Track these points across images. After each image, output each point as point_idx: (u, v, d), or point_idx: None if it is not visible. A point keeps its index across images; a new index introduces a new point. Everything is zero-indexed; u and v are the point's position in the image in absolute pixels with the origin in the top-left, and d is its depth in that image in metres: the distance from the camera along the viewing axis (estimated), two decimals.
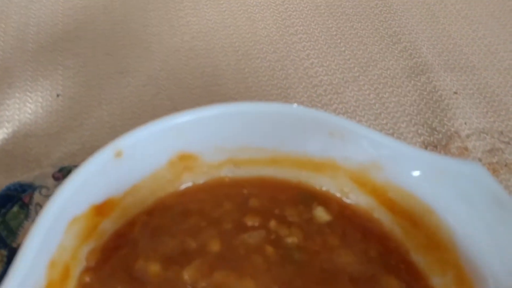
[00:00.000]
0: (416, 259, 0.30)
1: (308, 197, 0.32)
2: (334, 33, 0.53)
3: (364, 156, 0.30)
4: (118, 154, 0.27)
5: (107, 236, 0.28)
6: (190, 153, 0.30)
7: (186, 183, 0.31)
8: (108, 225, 0.28)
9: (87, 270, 0.27)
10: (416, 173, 0.29)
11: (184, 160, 0.30)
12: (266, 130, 0.31)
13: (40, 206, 0.35)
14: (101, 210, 0.27)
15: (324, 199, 0.32)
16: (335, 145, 0.30)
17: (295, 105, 0.29)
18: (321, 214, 0.31)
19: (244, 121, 0.30)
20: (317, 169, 0.32)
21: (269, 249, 0.29)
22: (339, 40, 0.52)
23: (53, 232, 0.24)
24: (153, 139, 0.28)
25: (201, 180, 0.32)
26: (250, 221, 0.30)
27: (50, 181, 0.36)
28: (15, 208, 0.35)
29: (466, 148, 0.44)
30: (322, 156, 0.31)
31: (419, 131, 0.45)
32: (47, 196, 0.35)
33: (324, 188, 0.32)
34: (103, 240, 0.28)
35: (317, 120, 0.30)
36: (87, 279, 0.27)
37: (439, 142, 0.44)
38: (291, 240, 0.29)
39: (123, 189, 0.28)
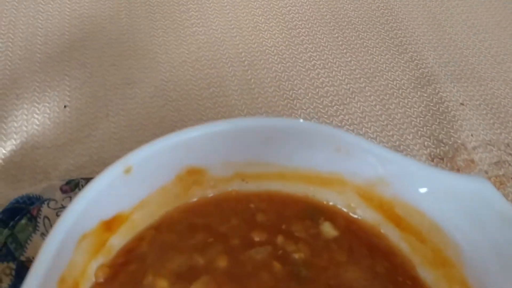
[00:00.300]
0: (423, 274, 0.30)
1: (315, 212, 0.32)
2: (340, 43, 0.53)
3: (371, 171, 0.30)
4: (128, 170, 0.27)
5: (116, 251, 0.28)
6: (198, 167, 0.30)
7: (193, 198, 0.31)
8: (117, 241, 0.28)
9: (96, 286, 0.27)
10: (423, 190, 0.29)
11: (192, 175, 0.30)
12: (274, 145, 0.31)
13: (48, 219, 0.35)
14: (110, 225, 0.28)
15: (331, 214, 0.32)
16: (342, 160, 0.30)
17: (302, 120, 0.29)
18: (328, 230, 0.31)
19: (251, 136, 0.30)
20: (324, 184, 0.32)
21: (276, 265, 0.29)
22: (345, 50, 0.52)
23: (64, 248, 0.24)
24: (162, 155, 0.28)
25: (208, 194, 0.32)
26: (257, 237, 0.30)
27: (58, 194, 0.37)
28: (24, 221, 0.35)
29: (472, 161, 0.44)
30: (329, 171, 0.31)
31: (426, 143, 0.45)
32: (55, 209, 0.36)
33: (331, 203, 0.32)
34: (112, 256, 0.28)
35: (324, 135, 0.30)
36: None
37: (446, 154, 0.44)
38: (298, 256, 0.29)
39: (131, 204, 0.29)
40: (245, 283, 0.28)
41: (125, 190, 0.28)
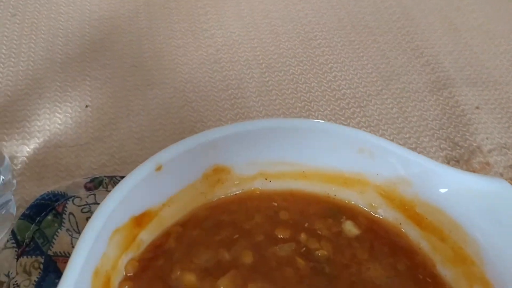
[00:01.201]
0: (443, 272, 0.30)
1: (337, 211, 0.32)
2: (357, 46, 0.53)
3: (393, 172, 0.31)
4: (159, 168, 0.28)
5: (144, 247, 0.29)
6: (224, 166, 0.31)
7: (218, 196, 0.32)
8: (146, 236, 0.29)
9: (126, 279, 0.28)
10: (443, 190, 0.30)
11: (218, 173, 0.31)
12: (298, 145, 0.31)
13: (73, 215, 0.36)
14: (139, 221, 0.28)
15: (353, 213, 0.32)
16: (365, 161, 0.31)
17: (326, 122, 0.29)
18: (350, 228, 0.31)
19: (276, 136, 0.31)
20: (346, 184, 0.32)
21: (300, 262, 0.29)
22: (361, 54, 0.53)
23: (98, 242, 0.25)
24: (191, 153, 0.29)
25: (232, 192, 0.33)
26: (280, 234, 0.31)
27: (82, 191, 0.37)
28: (50, 217, 0.36)
29: (488, 163, 0.44)
30: (352, 171, 0.32)
31: (442, 146, 0.45)
32: (80, 206, 0.37)
33: (352, 203, 0.33)
34: (141, 251, 0.29)
35: (348, 137, 0.30)
36: None
37: (461, 157, 0.45)
38: (321, 253, 0.30)
39: (160, 201, 0.29)
40: (270, 278, 0.28)
41: (155, 187, 0.28)
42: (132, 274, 0.28)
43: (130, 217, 0.28)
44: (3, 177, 0.34)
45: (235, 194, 0.33)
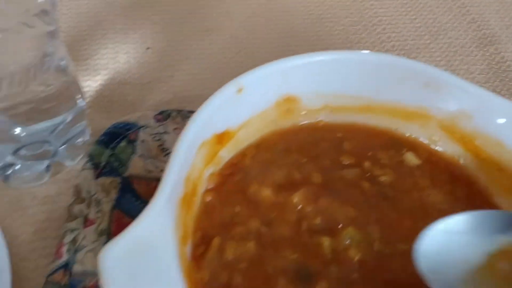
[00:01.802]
0: (500, 201, 0.32)
1: (398, 143, 0.34)
2: (405, 1, 0.55)
3: (455, 105, 0.33)
4: (239, 90, 0.30)
5: (223, 163, 0.31)
6: (294, 96, 0.33)
7: (287, 125, 0.34)
8: (225, 154, 0.31)
9: (208, 191, 0.30)
10: (502, 121, 0.32)
11: (288, 102, 0.33)
12: (364, 78, 0.33)
13: (145, 142, 0.38)
14: (220, 139, 0.31)
15: (413, 146, 0.34)
16: (428, 95, 0.33)
17: (395, 55, 0.31)
18: (411, 158, 0.34)
19: (344, 68, 0.33)
20: (409, 117, 0.34)
21: (365, 185, 0.32)
22: (409, 9, 0.54)
23: (189, 153, 0.27)
24: (269, 78, 0.31)
25: (299, 122, 0.35)
26: (346, 161, 0.33)
27: (152, 122, 0.40)
28: (123, 143, 0.38)
29: None
30: (415, 105, 0.34)
31: None
32: (151, 135, 0.39)
33: (413, 136, 0.35)
34: (220, 167, 0.31)
35: (415, 71, 0.32)
36: (209, 198, 0.30)
37: None
38: (384, 179, 0.32)
39: (238, 122, 0.32)
40: (339, 196, 0.30)
41: (234, 109, 0.31)
42: (213, 186, 0.30)
43: (213, 134, 0.30)
44: (81, 105, 0.37)
45: (302, 124, 0.35)
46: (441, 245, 0.26)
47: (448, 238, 0.27)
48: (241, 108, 0.31)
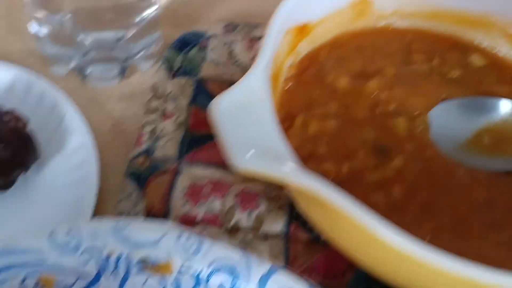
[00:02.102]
0: None
1: (463, 47, 0.36)
2: None
3: None
4: None
5: (301, 56, 0.33)
6: None
7: (359, 26, 0.36)
8: (303, 47, 0.33)
9: (288, 78, 0.32)
10: None
11: (362, 4, 0.35)
12: None
13: (216, 49, 0.40)
14: (301, 31, 0.33)
15: (478, 50, 0.36)
16: (494, 1, 0.34)
17: None
18: (476, 60, 0.35)
19: None
20: (473, 24, 0.36)
21: (436, 77, 0.33)
22: None
23: (276, 38, 0.29)
24: None
25: (370, 25, 0.37)
26: (416, 57, 0.35)
27: (221, 32, 0.42)
28: (195, 50, 0.40)
29: None
30: (480, 11, 0.35)
31: None
32: (221, 42, 0.41)
33: (476, 42, 0.36)
34: (299, 59, 0.33)
35: None
36: (290, 84, 0.32)
37: None
38: (453, 73, 0.34)
39: (315, 18, 0.33)
40: (412, 84, 0.32)
41: (313, 5, 0.33)
42: (293, 74, 0.32)
43: (295, 24, 0.32)
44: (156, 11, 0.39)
45: (372, 28, 0.36)
46: (445, 120, 0.30)
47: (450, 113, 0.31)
48: (319, 4, 0.33)
